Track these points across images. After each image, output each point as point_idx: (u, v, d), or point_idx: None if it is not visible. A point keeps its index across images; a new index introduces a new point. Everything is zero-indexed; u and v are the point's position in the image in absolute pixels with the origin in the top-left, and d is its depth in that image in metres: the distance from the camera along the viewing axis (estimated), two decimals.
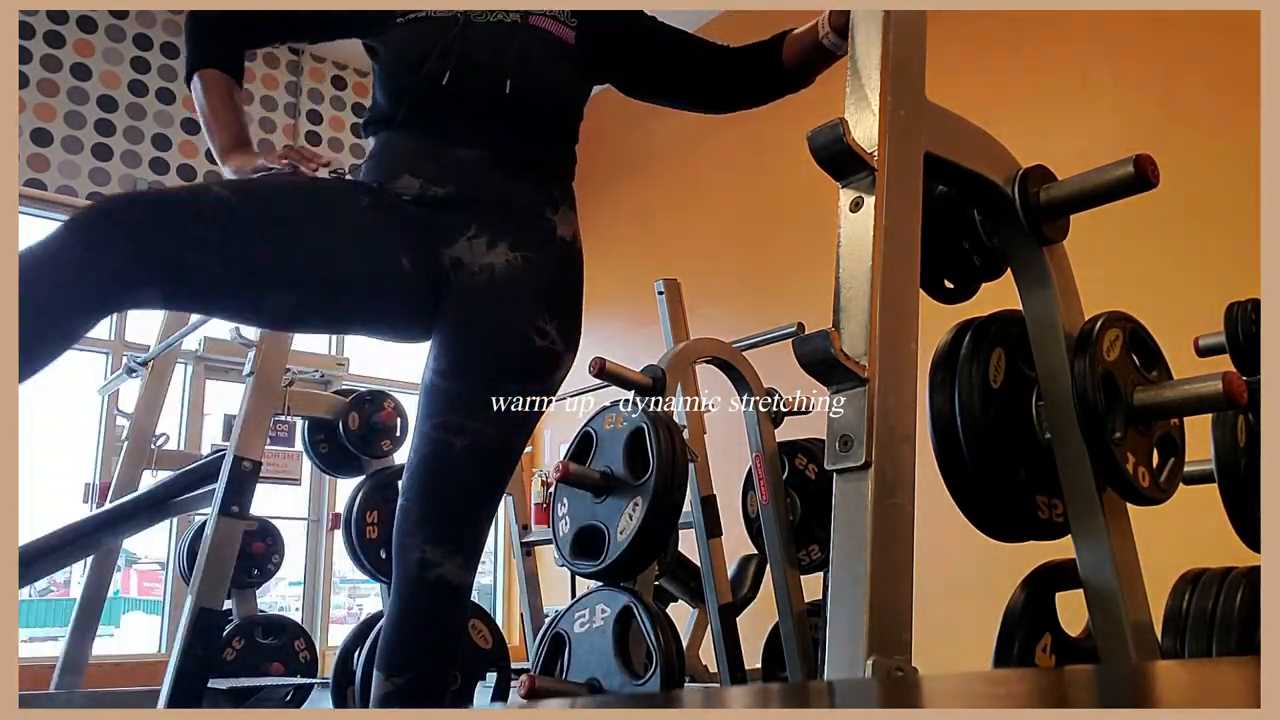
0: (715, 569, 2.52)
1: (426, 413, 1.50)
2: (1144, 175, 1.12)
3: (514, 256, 1.49)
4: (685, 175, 5.35)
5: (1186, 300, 2.61)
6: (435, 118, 1.48)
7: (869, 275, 0.98)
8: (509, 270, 1.49)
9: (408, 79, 1.48)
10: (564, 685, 1.92)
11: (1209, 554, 1.57)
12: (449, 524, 1.47)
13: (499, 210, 1.50)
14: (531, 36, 1.52)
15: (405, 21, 1.50)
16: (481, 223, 1.49)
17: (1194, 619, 1.40)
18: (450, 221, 1.48)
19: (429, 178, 1.47)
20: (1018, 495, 1.18)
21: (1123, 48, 3.59)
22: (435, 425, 1.48)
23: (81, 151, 4.88)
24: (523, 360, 1.50)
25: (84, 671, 3.25)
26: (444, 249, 1.48)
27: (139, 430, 3.53)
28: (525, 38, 1.51)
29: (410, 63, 1.47)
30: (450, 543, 1.47)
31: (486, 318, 1.48)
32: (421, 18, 1.49)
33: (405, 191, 1.47)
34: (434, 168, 1.47)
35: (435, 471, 1.48)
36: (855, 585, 0.89)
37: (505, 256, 1.49)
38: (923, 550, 1.00)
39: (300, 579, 5.39)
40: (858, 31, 1.10)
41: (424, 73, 1.45)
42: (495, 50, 1.48)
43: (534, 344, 1.50)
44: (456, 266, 1.48)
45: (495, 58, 1.48)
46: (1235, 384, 1.07)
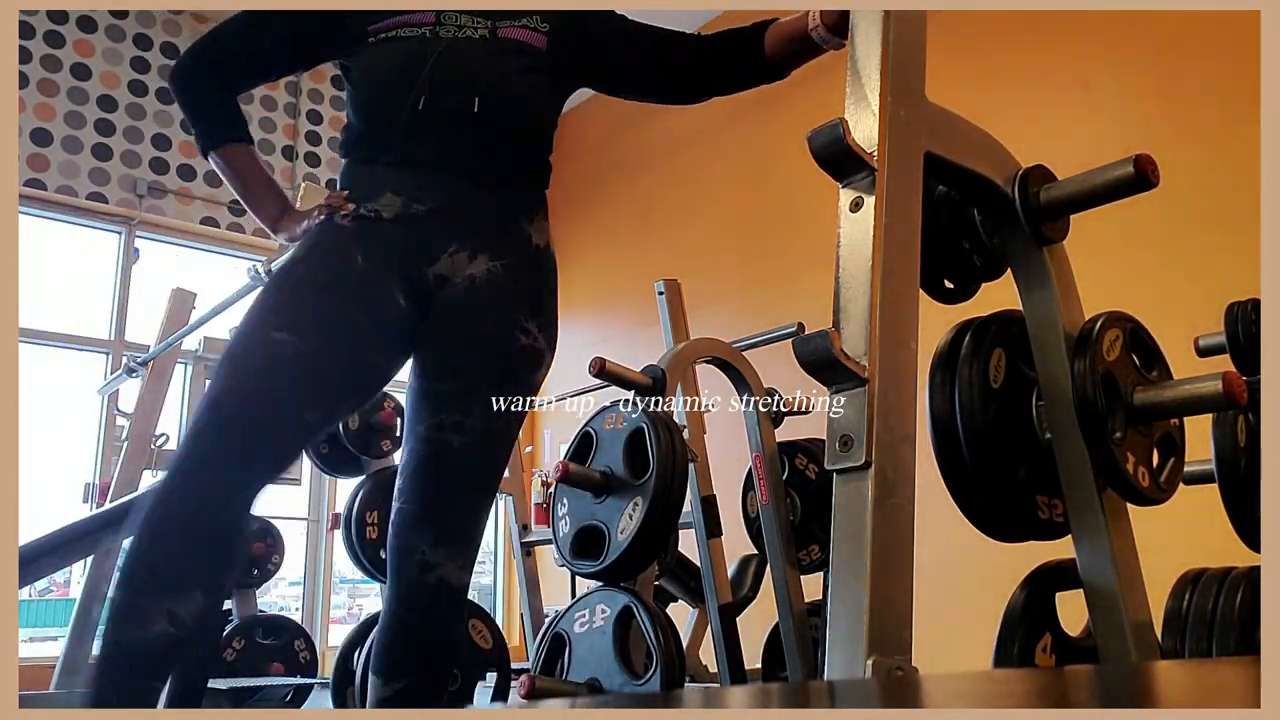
0: (715, 569, 2.52)
1: (419, 417, 1.52)
2: (1144, 175, 1.12)
3: (494, 265, 1.53)
4: (685, 176, 5.35)
5: (1186, 300, 2.61)
6: (412, 138, 1.51)
7: (869, 275, 0.98)
8: (489, 277, 1.53)
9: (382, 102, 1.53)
10: (564, 685, 1.92)
11: (1209, 554, 1.57)
12: (449, 525, 1.48)
13: (477, 224, 1.54)
14: (503, 50, 1.55)
15: (376, 42, 1.53)
16: (462, 238, 1.52)
17: (1194, 619, 1.40)
18: (432, 239, 1.52)
19: (410, 195, 1.51)
20: (1018, 495, 1.18)
21: (1123, 48, 3.59)
22: (431, 427, 1.50)
23: (81, 151, 4.88)
24: (511, 358, 1.54)
25: (84, 671, 3.25)
26: (428, 268, 1.52)
27: (139, 430, 3.53)
28: (496, 53, 1.54)
29: (383, 85, 1.53)
30: (450, 544, 1.48)
31: (473, 321, 1.52)
32: (392, 38, 1.52)
33: (388, 209, 1.51)
34: (414, 186, 1.52)
35: (433, 472, 1.49)
36: (855, 585, 0.89)
37: (485, 266, 1.53)
38: (923, 550, 1.00)
39: (300, 579, 5.39)
40: (858, 31, 1.10)
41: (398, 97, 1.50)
42: (467, 72, 1.52)
43: (520, 342, 1.54)
44: (440, 283, 1.52)
45: (468, 80, 1.51)
46: (1235, 384, 1.07)
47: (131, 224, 5.02)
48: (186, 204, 5.15)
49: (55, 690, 3.19)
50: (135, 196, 4.97)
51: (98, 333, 4.93)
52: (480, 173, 1.55)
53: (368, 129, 1.56)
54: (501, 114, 1.53)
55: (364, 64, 1.54)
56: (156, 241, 5.19)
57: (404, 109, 1.49)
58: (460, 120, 1.51)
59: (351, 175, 1.57)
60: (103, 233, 5.04)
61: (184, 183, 5.15)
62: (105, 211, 4.94)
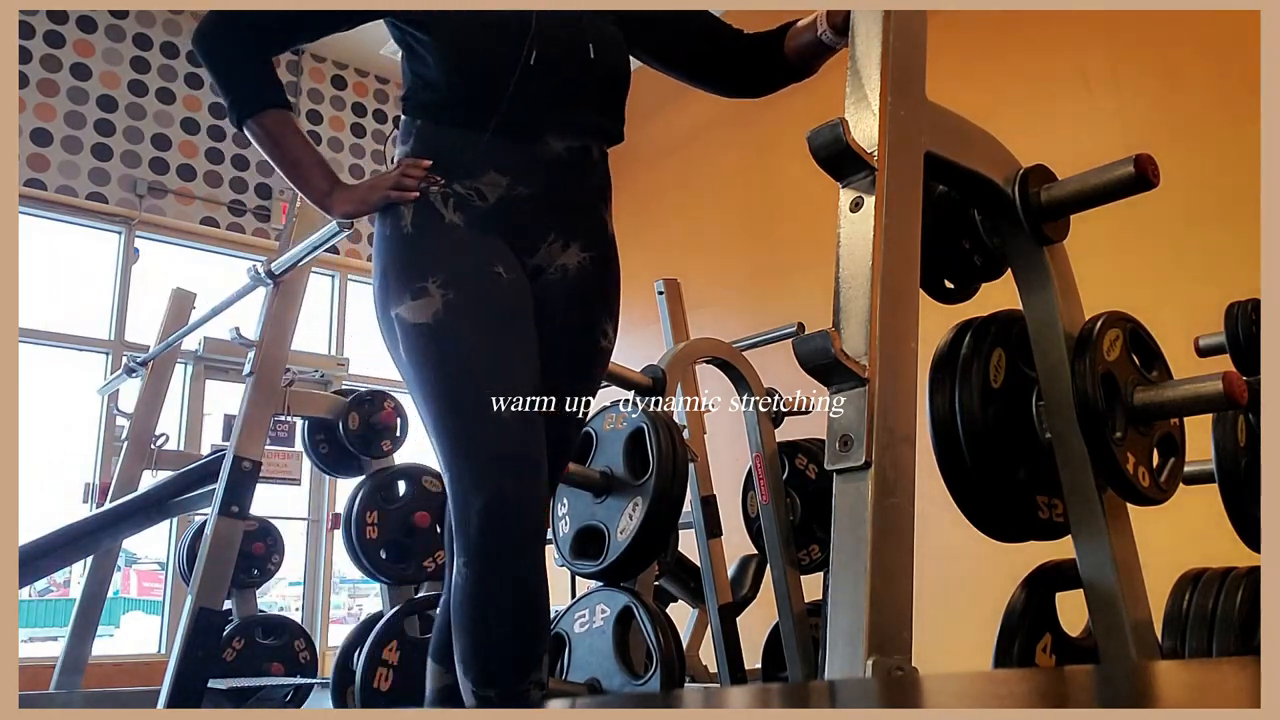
0: (715, 569, 2.52)
1: None
2: (1144, 175, 1.12)
3: (584, 257, 1.50)
4: (686, 175, 5.35)
5: (1187, 300, 2.61)
6: (520, 98, 1.42)
7: (869, 275, 0.98)
8: (580, 270, 1.50)
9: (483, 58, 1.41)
10: (564, 685, 1.92)
11: (1209, 554, 1.57)
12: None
13: (571, 210, 1.49)
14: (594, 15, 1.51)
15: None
16: (559, 226, 1.47)
17: (1194, 619, 1.40)
18: (535, 228, 1.46)
19: (515, 175, 1.43)
20: (1018, 495, 1.18)
21: (1123, 48, 3.59)
22: None
23: (81, 151, 4.88)
24: (592, 359, 1.53)
25: (84, 671, 3.24)
26: (528, 259, 1.47)
27: (139, 430, 3.52)
28: (590, 16, 1.50)
29: (480, 40, 1.41)
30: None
31: (565, 319, 1.49)
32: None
33: (491, 190, 1.43)
34: (518, 163, 1.44)
35: None
36: (855, 585, 0.89)
37: (577, 257, 1.50)
38: (923, 550, 1.00)
39: (300, 579, 5.39)
40: (858, 31, 1.10)
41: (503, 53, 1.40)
42: (572, 28, 1.46)
43: (598, 345, 1.53)
44: (536, 273, 1.48)
45: (577, 29, 1.46)
46: (1235, 384, 1.07)
47: (131, 224, 5.02)
48: (186, 204, 5.15)
49: (55, 690, 3.18)
50: (135, 196, 4.97)
51: (98, 333, 4.93)
52: (583, 143, 1.48)
53: (463, 89, 1.43)
54: (613, 69, 1.48)
55: (452, 25, 1.42)
56: (156, 241, 5.19)
57: (512, 65, 1.40)
58: (577, 70, 1.44)
59: (440, 142, 1.44)
60: (103, 233, 5.03)
61: (184, 183, 5.14)
62: (105, 211, 4.94)
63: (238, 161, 5.33)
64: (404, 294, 1.37)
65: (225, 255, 5.38)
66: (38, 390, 4.63)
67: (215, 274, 5.07)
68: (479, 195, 1.43)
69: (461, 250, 1.40)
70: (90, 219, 4.96)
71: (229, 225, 5.27)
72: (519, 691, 1.32)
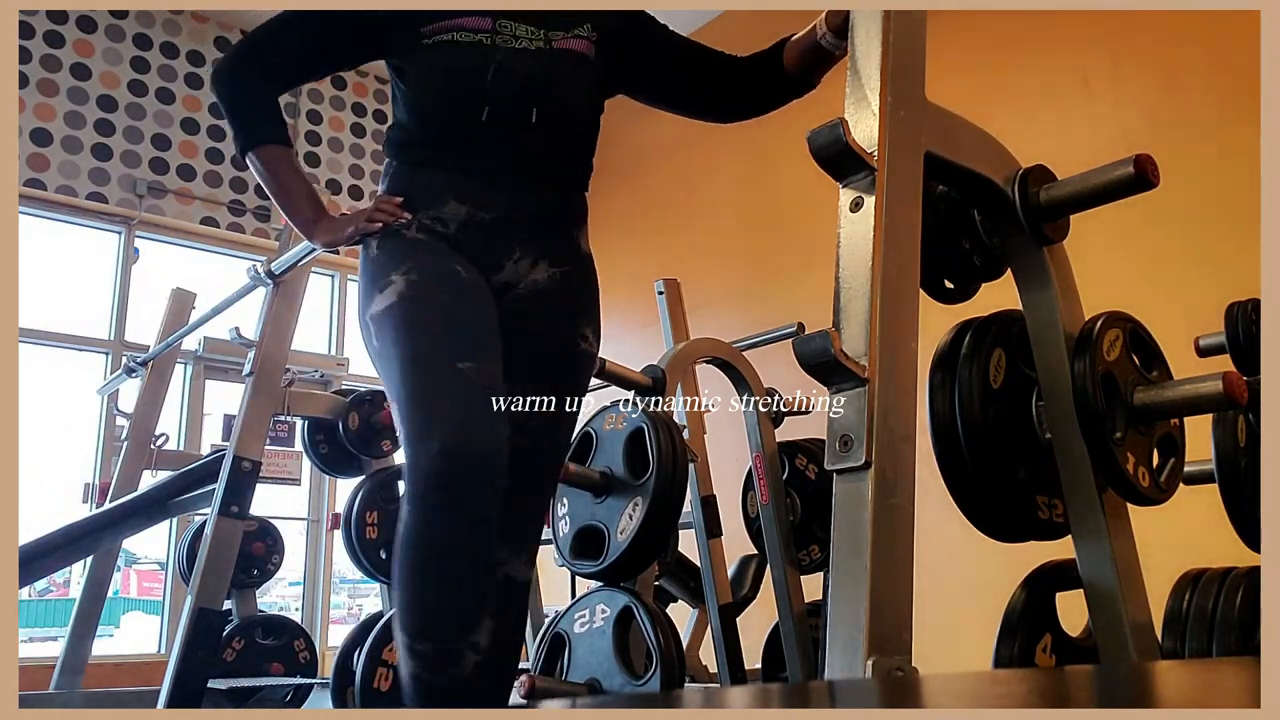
0: (715, 569, 2.52)
1: None
2: (1144, 175, 1.12)
3: (554, 272, 1.57)
4: (685, 175, 5.35)
5: (1187, 300, 2.61)
6: (474, 147, 1.52)
7: (869, 275, 0.98)
8: (551, 283, 1.56)
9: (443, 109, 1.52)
10: (564, 685, 1.92)
11: (1209, 554, 1.57)
12: (516, 523, 1.50)
13: (537, 230, 1.56)
14: (559, 60, 1.55)
15: (433, 44, 1.51)
16: (524, 245, 1.55)
17: (1194, 619, 1.40)
18: (496, 247, 1.53)
19: (475, 202, 1.52)
20: (1018, 495, 1.18)
21: (1123, 47, 3.59)
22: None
23: (81, 151, 4.87)
24: (571, 362, 1.58)
25: (84, 671, 3.25)
26: (494, 276, 1.54)
27: (139, 430, 3.53)
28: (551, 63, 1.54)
29: (443, 92, 1.52)
30: (517, 541, 1.51)
31: (540, 326, 1.55)
32: (448, 42, 1.50)
33: (453, 218, 1.52)
34: (477, 192, 1.53)
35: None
36: (855, 585, 0.89)
37: (546, 272, 1.57)
38: (923, 550, 1.00)
39: (300, 579, 5.39)
40: (857, 32, 1.10)
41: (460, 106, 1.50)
42: (527, 83, 1.51)
43: (579, 347, 1.58)
44: (504, 290, 1.55)
45: (527, 90, 1.51)
46: (1235, 384, 1.07)
47: (131, 224, 5.02)
48: (186, 204, 5.15)
49: (55, 690, 3.18)
50: (135, 196, 4.97)
51: (98, 333, 4.93)
52: (539, 178, 1.56)
53: (426, 134, 1.55)
54: (559, 122, 1.55)
55: (420, 67, 1.52)
56: (156, 241, 5.19)
57: (466, 118, 1.50)
58: (521, 128, 1.52)
59: (407, 180, 1.55)
60: (103, 233, 5.03)
61: (184, 183, 5.14)
62: (105, 211, 4.94)
63: (238, 161, 5.33)
64: (373, 294, 1.48)
65: (225, 255, 5.38)
66: (38, 390, 4.63)
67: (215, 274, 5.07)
68: (440, 223, 1.52)
69: (424, 252, 1.50)
70: (90, 219, 4.96)
71: (229, 225, 5.27)
72: (453, 650, 1.32)
